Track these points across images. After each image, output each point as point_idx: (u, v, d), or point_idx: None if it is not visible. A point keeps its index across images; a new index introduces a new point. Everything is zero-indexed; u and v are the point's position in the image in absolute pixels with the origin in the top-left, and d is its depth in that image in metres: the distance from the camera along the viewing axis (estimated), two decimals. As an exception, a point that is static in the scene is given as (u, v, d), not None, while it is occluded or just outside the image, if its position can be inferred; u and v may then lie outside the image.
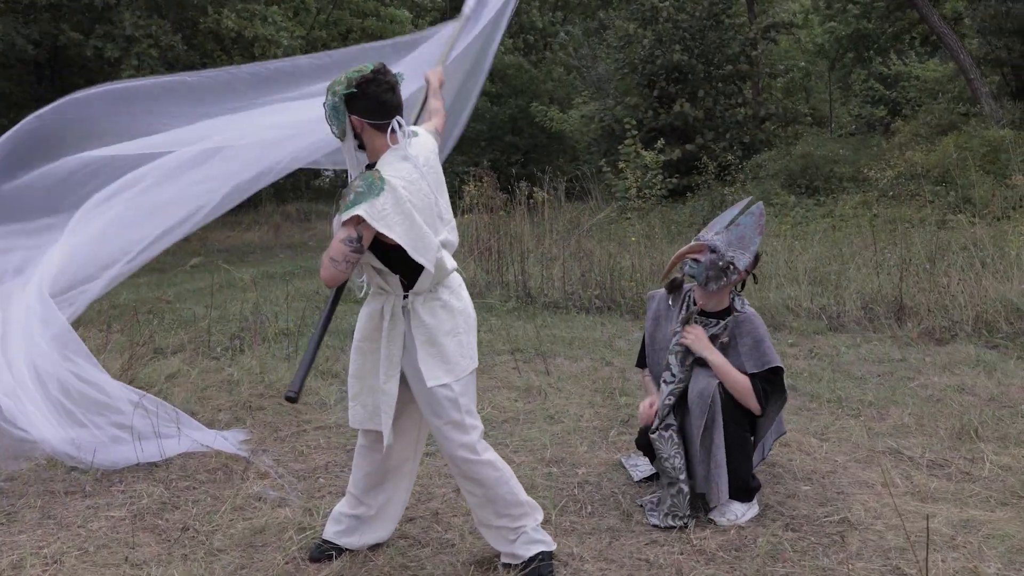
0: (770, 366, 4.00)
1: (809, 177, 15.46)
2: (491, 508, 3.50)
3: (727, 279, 4.02)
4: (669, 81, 19.26)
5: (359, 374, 3.52)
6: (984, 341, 7.16)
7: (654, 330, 4.32)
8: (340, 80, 3.24)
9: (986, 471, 4.44)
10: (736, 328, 4.09)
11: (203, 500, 4.35)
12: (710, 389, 3.98)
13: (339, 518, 3.73)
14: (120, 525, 4.06)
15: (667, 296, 4.33)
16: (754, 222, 4.12)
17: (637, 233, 11.94)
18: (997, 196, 11.01)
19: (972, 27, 20.09)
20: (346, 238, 3.14)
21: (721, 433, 3.95)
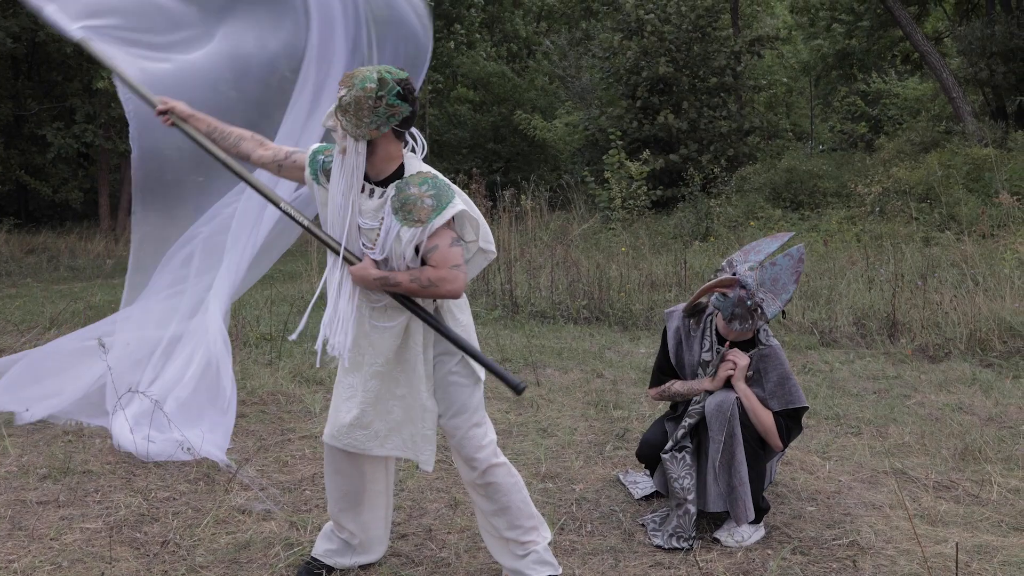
0: (796, 406, 3.88)
1: (793, 191, 15.42)
2: (504, 518, 3.33)
3: (752, 323, 3.85)
4: (653, 92, 19.20)
5: (377, 399, 3.23)
6: (978, 359, 7.08)
7: (677, 349, 4.13)
8: (380, 80, 2.99)
9: (995, 494, 4.33)
10: (761, 362, 3.94)
11: (184, 512, 4.13)
12: (728, 402, 3.84)
13: (330, 536, 3.54)
14: (96, 538, 3.84)
15: (687, 319, 4.14)
16: (791, 266, 3.95)
17: (624, 244, 11.83)
18: (984, 213, 10.99)
19: (954, 47, 20.22)
20: (453, 240, 3.08)
21: (742, 448, 3.80)
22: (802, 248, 4.04)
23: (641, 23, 19.19)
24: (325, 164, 3.21)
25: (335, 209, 3.13)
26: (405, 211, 3.04)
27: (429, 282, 3.05)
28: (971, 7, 20.32)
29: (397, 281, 3.07)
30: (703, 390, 3.97)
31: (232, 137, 3.42)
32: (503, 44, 30.08)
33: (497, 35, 30.15)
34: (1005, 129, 16.11)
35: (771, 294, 3.89)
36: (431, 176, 3.10)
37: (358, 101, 2.97)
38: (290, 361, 6.97)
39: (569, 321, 9.00)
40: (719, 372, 3.92)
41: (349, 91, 2.99)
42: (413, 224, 3.03)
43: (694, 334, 4.10)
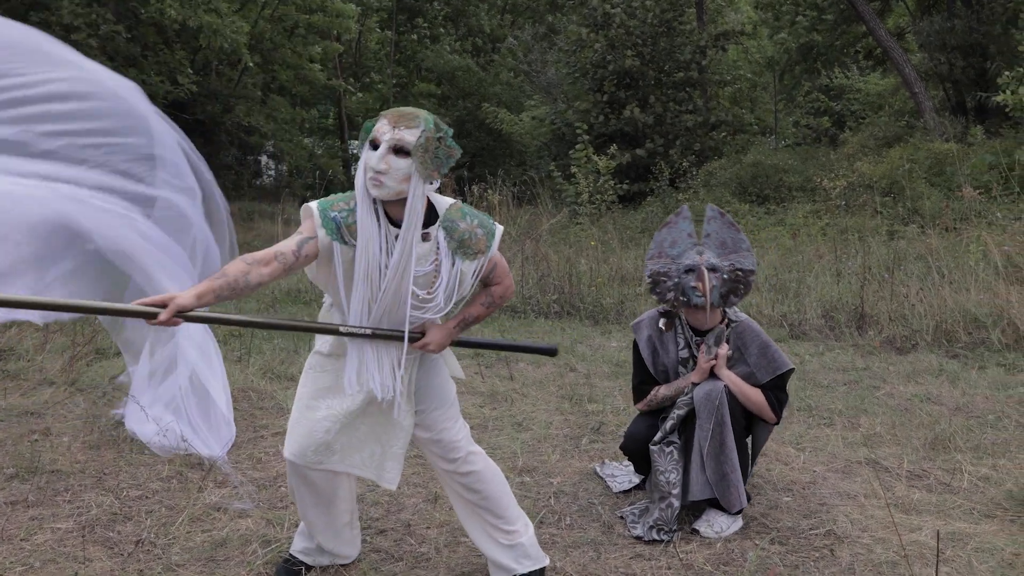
0: (783, 371, 3.92)
1: (759, 186, 15.54)
2: (487, 506, 3.31)
3: (743, 287, 3.92)
4: (619, 86, 19.24)
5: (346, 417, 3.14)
6: (944, 351, 7.18)
7: (653, 356, 4.13)
8: (435, 122, 2.91)
9: (965, 482, 4.39)
10: (739, 339, 3.98)
11: (157, 511, 4.07)
12: (716, 391, 3.85)
13: (307, 534, 3.49)
14: (68, 538, 3.77)
15: (655, 321, 4.14)
16: (723, 223, 4.03)
17: (593, 238, 11.85)
18: (948, 207, 11.14)
19: (915, 42, 20.48)
20: (504, 264, 3.24)
21: (731, 435, 3.82)
22: (711, 206, 4.13)
23: (608, 17, 19.24)
24: (344, 220, 2.95)
25: (374, 262, 2.94)
26: (464, 247, 3.02)
27: (501, 298, 3.24)
28: (932, 2, 20.58)
29: (474, 316, 3.18)
30: (688, 385, 3.98)
31: (240, 281, 2.85)
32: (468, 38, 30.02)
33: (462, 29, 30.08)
34: (965, 124, 16.34)
35: (732, 254, 3.94)
36: (461, 205, 3.11)
37: (428, 144, 2.86)
38: (260, 358, 6.90)
39: (540, 316, 9.00)
40: (700, 363, 3.94)
41: (417, 130, 2.85)
42: (475, 257, 3.04)
43: (667, 336, 4.12)
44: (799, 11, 21.87)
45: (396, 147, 2.84)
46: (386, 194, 2.86)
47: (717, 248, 3.97)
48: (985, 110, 17.17)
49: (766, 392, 3.94)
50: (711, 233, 4.02)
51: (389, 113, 2.92)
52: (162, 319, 2.70)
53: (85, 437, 5.00)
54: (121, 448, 4.85)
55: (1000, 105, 13.40)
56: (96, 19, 15.69)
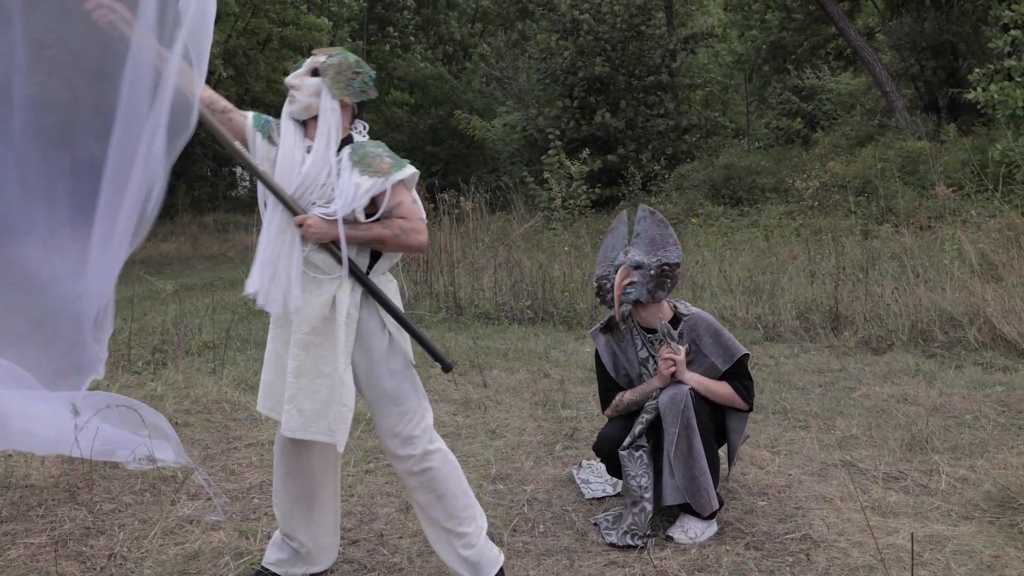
0: (738, 355, 3.88)
1: (732, 188, 15.55)
2: (441, 507, 3.23)
3: (671, 281, 3.92)
4: (590, 92, 19.23)
5: (300, 372, 3.09)
6: (920, 350, 7.15)
7: (614, 362, 4.09)
8: (357, 60, 3.19)
9: (943, 484, 4.33)
10: (691, 332, 3.95)
11: (130, 524, 4.00)
12: (681, 394, 3.79)
13: (281, 545, 3.41)
14: (41, 553, 3.70)
15: (610, 336, 4.11)
16: (652, 222, 4.04)
17: (566, 243, 11.79)
18: (922, 206, 11.16)
19: (885, 42, 20.60)
20: (413, 198, 3.16)
21: (699, 438, 3.75)
22: (643, 206, 4.13)
23: (576, 23, 19.24)
24: (271, 124, 3.22)
25: (289, 164, 3.09)
26: (365, 163, 3.09)
27: (401, 230, 3.08)
28: (901, 2, 20.72)
29: (367, 229, 3.06)
30: (654, 390, 3.92)
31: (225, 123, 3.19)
32: (439, 46, 29.98)
33: (432, 37, 30.03)
34: (937, 122, 16.43)
35: (660, 250, 3.93)
36: (382, 144, 3.20)
37: (340, 66, 3.12)
38: (234, 369, 6.79)
39: (514, 322, 8.92)
40: (661, 371, 3.89)
41: (331, 57, 3.13)
42: (374, 175, 3.06)
43: (623, 344, 4.07)
44: (768, 10, 21.94)
45: (311, 69, 3.13)
46: (296, 109, 3.11)
47: (646, 246, 3.97)
48: (957, 108, 17.28)
49: (732, 383, 3.90)
50: (641, 232, 4.03)
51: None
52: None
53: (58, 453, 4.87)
54: (95, 462, 4.72)
55: (972, 102, 13.46)
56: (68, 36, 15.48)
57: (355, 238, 3.06)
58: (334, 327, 3.08)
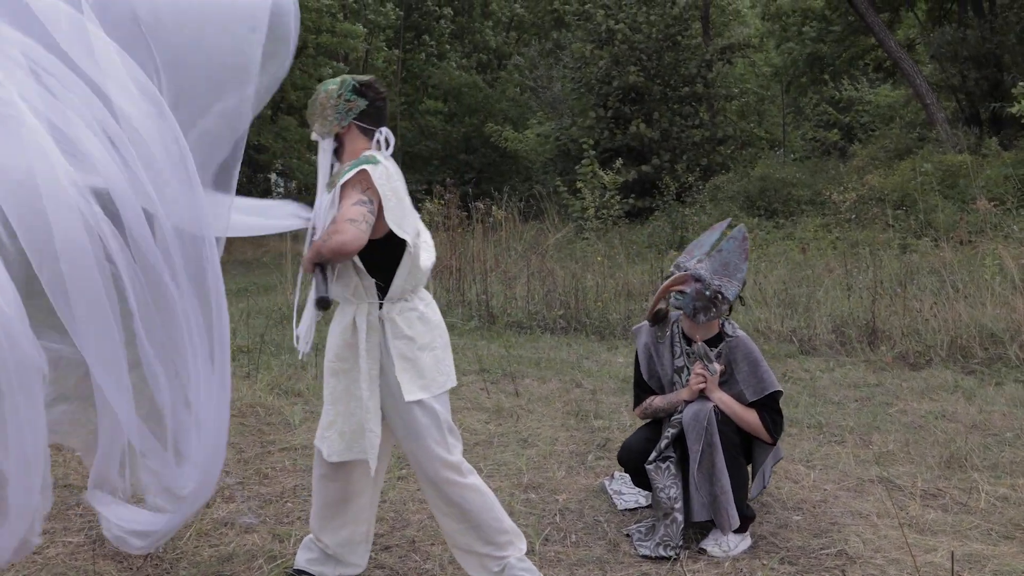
0: (768, 392, 3.81)
1: (767, 199, 15.43)
2: (475, 535, 3.21)
3: (716, 310, 3.88)
4: (625, 102, 19.20)
5: (334, 399, 3.19)
6: (960, 367, 7.03)
7: (649, 364, 4.08)
8: (341, 81, 3.21)
9: (982, 502, 4.26)
10: (731, 354, 3.91)
11: (165, 525, 4.01)
12: (705, 411, 3.77)
13: (311, 546, 3.43)
14: (79, 552, 3.76)
15: (652, 329, 4.11)
16: (737, 247, 3.98)
17: (599, 253, 11.76)
18: (964, 220, 11.00)
19: (926, 53, 20.35)
20: (358, 200, 2.97)
21: (721, 456, 3.73)
22: (742, 228, 4.07)
23: (612, 32, 19.21)
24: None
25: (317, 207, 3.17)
26: (332, 183, 3.13)
27: (327, 235, 2.95)
28: (943, 13, 20.48)
29: (315, 249, 3.01)
30: (682, 401, 3.91)
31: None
32: (473, 55, 30.05)
33: (467, 46, 30.11)
34: (979, 135, 16.18)
35: (726, 278, 3.89)
36: (371, 156, 3.10)
37: (321, 103, 3.19)
38: (268, 374, 6.84)
39: (546, 331, 8.90)
40: (691, 384, 3.87)
41: (314, 97, 3.21)
42: (331, 188, 3.09)
43: (661, 343, 4.06)
44: (805, 22, 21.78)
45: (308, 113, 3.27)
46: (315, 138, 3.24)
47: (720, 267, 3.92)
48: (1000, 121, 17.01)
49: (761, 413, 3.86)
50: (723, 250, 3.98)
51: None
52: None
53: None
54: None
55: (1015, 116, 13.26)
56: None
57: (307, 260, 3.07)
58: (356, 350, 3.13)
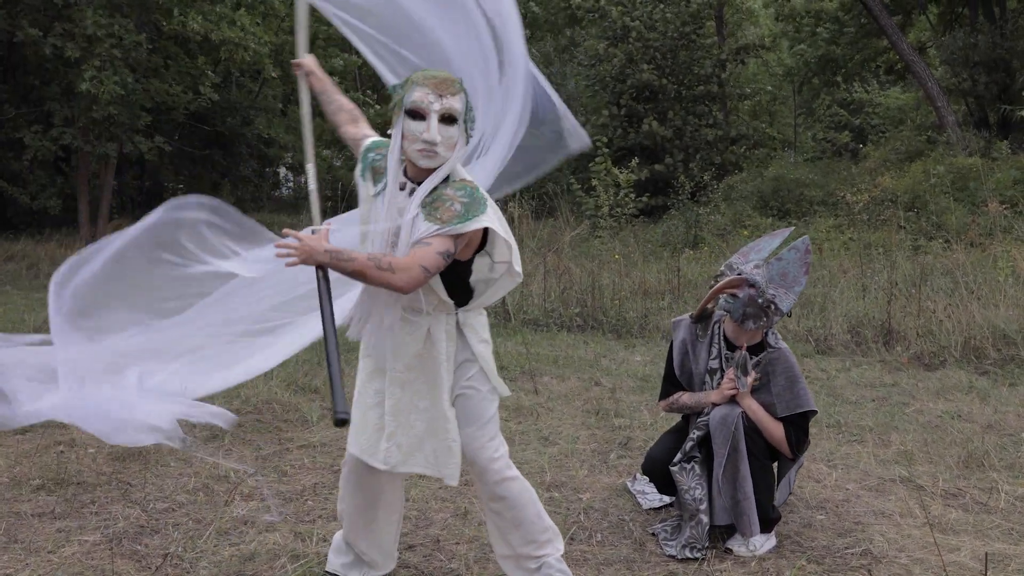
0: (802, 410, 3.83)
1: (780, 200, 15.47)
2: (518, 532, 3.25)
3: (767, 319, 3.80)
4: (638, 100, 19.23)
5: (397, 410, 3.12)
6: (973, 367, 7.09)
7: (683, 360, 4.08)
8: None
9: (1002, 502, 4.31)
10: (769, 365, 3.89)
11: (184, 524, 4.04)
12: (732, 416, 3.79)
13: (344, 549, 3.46)
14: (95, 551, 3.74)
15: (694, 325, 4.09)
16: (799, 259, 3.90)
17: (614, 251, 11.80)
18: (975, 222, 11.05)
19: (937, 57, 20.39)
20: (445, 251, 2.88)
21: (746, 462, 3.76)
22: (807, 240, 3.99)
23: (627, 30, 19.23)
24: (375, 162, 3.13)
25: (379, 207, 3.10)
26: (432, 207, 2.93)
27: (389, 267, 2.82)
28: (954, 17, 20.51)
29: (352, 258, 2.83)
30: (710, 403, 3.92)
31: (335, 104, 3.53)
32: (488, 50, 29.98)
33: (482, 42, 30.04)
34: (988, 139, 16.23)
35: (782, 288, 3.83)
36: (471, 185, 2.99)
37: (469, 105, 3.04)
38: (283, 369, 6.86)
39: (563, 329, 8.95)
40: (723, 388, 3.88)
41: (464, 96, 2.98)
42: (434, 220, 2.89)
43: (701, 342, 4.05)
44: (819, 23, 21.81)
45: (445, 115, 2.90)
46: (437, 163, 2.94)
47: (777, 276, 3.86)
48: (1009, 125, 17.06)
49: (786, 427, 3.86)
50: (783, 258, 3.91)
51: (428, 79, 2.92)
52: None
53: (110, 448, 4.97)
54: (147, 459, 4.83)
55: (1023, 119, 13.30)
56: (119, 30, 15.74)
57: (336, 267, 2.87)
58: (429, 362, 3.10)
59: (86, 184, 17.82)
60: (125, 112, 16.22)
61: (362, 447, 3.19)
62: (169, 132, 20.22)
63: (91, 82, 14.67)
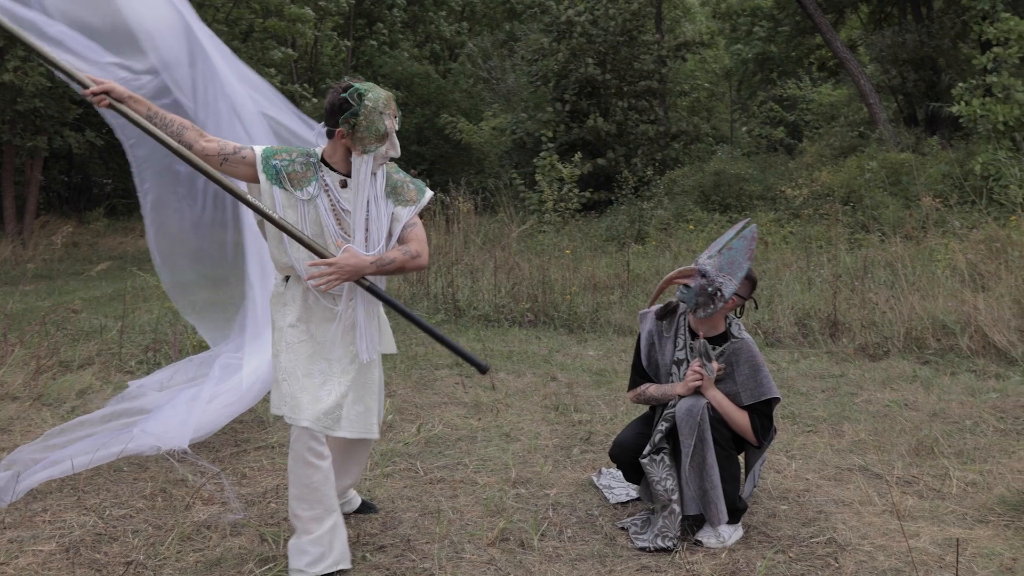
0: (766, 397, 3.91)
1: (721, 194, 15.71)
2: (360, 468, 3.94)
3: (715, 306, 3.93)
4: (581, 95, 19.34)
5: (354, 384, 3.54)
6: (915, 357, 7.29)
7: (649, 351, 4.16)
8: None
9: (955, 488, 4.45)
10: (733, 355, 3.98)
11: (144, 530, 3.96)
12: (698, 407, 3.86)
13: (299, 549, 3.48)
14: (52, 561, 3.64)
15: (659, 321, 4.18)
16: (745, 246, 4.01)
17: (566, 247, 11.87)
18: (912, 216, 11.35)
19: (867, 55, 20.88)
20: (421, 224, 3.52)
21: (712, 452, 3.83)
22: (754, 228, 4.08)
23: (571, 25, 19.32)
24: (286, 168, 3.38)
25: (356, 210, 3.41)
26: (397, 194, 3.46)
27: (417, 254, 3.45)
28: (884, 16, 21.00)
29: (392, 258, 3.39)
30: (676, 395, 3.99)
31: (175, 124, 3.38)
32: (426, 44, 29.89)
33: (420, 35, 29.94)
34: (919, 135, 16.68)
35: (728, 276, 3.95)
36: (394, 165, 3.55)
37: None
38: (234, 370, 6.78)
39: (514, 324, 8.97)
40: (687, 381, 3.95)
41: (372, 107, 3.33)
42: (407, 203, 3.48)
43: (667, 335, 4.13)
44: (755, 22, 22.19)
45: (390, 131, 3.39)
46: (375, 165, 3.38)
47: (726, 264, 3.97)
48: (936, 121, 17.55)
49: (751, 415, 3.94)
50: (733, 248, 4.01)
51: (388, 106, 3.34)
52: (92, 89, 3.24)
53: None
54: (98, 466, 4.71)
55: (951, 116, 13.69)
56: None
57: (383, 270, 3.40)
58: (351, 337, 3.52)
59: (11, 179, 17.31)
60: (53, 105, 15.78)
61: (311, 417, 3.39)
62: (99, 125, 19.74)
63: (15, 73, 14.25)
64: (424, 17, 28.88)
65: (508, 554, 3.73)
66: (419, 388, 6.50)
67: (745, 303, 4.08)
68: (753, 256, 4.05)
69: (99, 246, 17.86)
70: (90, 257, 16.49)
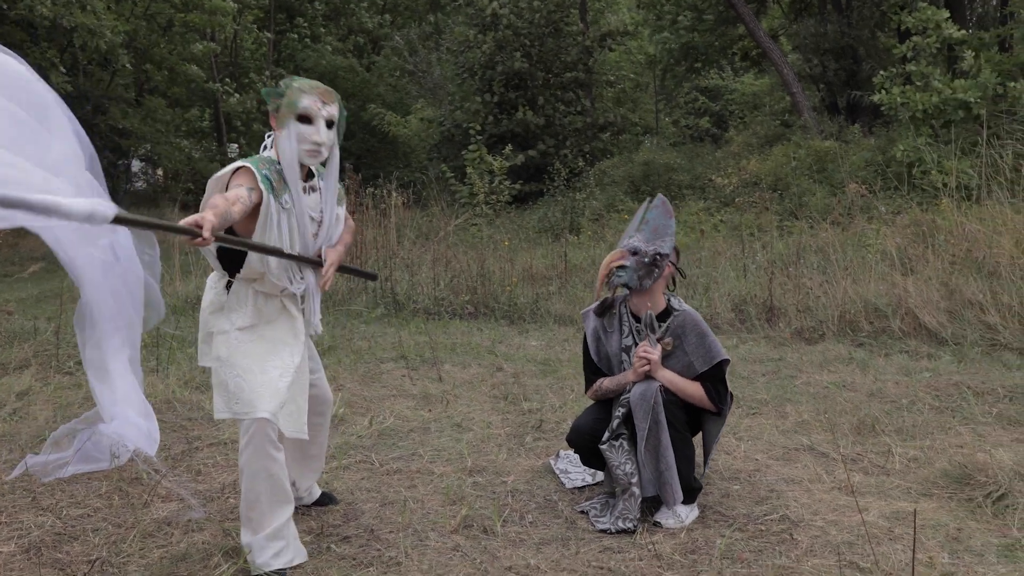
0: (717, 360, 3.99)
1: (651, 184, 15.89)
2: None
3: (659, 270, 4.01)
4: (508, 87, 19.37)
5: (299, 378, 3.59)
6: (850, 340, 7.49)
7: (597, 347, 4.22)
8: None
9: (897, 464, 4.59)
10: (679, 328, 4.06)
11: (104, 528, 3.90)
12: (651, 391, 3.93)
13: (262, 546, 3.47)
14: (13, 562, 3.58)
15: (599, 318, 4.24)
16: (661, 210, 4.12)
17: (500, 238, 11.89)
18: (840, 202, 11.63)
19: (789, 44, 21.32)
20: None
21: (667, 434, 3.90)
22: (661, 196, 4.22)
23: (496, 17, 19.32)
24: (271, 177, 3.39)
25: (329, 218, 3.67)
26: (339, 198, 3.73)
27: (351, 228, 3.89)
28: (804, 6, 21.45)
29: (347, 242, 3.81)
30: (629, 382, 4.05)
31: (228, 213, 3.12)
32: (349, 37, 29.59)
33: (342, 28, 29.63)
34: (841, 123, 17.09)
35: (659, 240, 4.04)
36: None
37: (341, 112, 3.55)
38: (176, 368, 6.67)
39: (455, 317, 8.97)
40: (636, 367, 4.01)
41: (339, 105, 3.50)
42: (342, 203, 3.77)
43: (611, 329, 4.19)
44: (679, 12, 22.47)
45: (328, 121, 3.41)
46: (320, 161, 3.47)
47: (650, 234, 4.06)
48: (857, 109, 18.00)
49: (704, 384, 4.03)
50: (650, 220, 4.11)
51: (314, 88, 3.40)
52: (205, 237, 2.86)
53: (6, 456, 4.73)
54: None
55: (872, 104, 14.06)
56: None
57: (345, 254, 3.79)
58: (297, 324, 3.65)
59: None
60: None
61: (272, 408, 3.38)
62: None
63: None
64: (345, 9, 28.61)
65: (472, 540, 3.75)
66: (366, 381, 6.47)
67: (674, 274, 4.16)
68: (672, 214, 4.14)
69: (20, 247, 17.31)
70: (12, 259, 16.01)
